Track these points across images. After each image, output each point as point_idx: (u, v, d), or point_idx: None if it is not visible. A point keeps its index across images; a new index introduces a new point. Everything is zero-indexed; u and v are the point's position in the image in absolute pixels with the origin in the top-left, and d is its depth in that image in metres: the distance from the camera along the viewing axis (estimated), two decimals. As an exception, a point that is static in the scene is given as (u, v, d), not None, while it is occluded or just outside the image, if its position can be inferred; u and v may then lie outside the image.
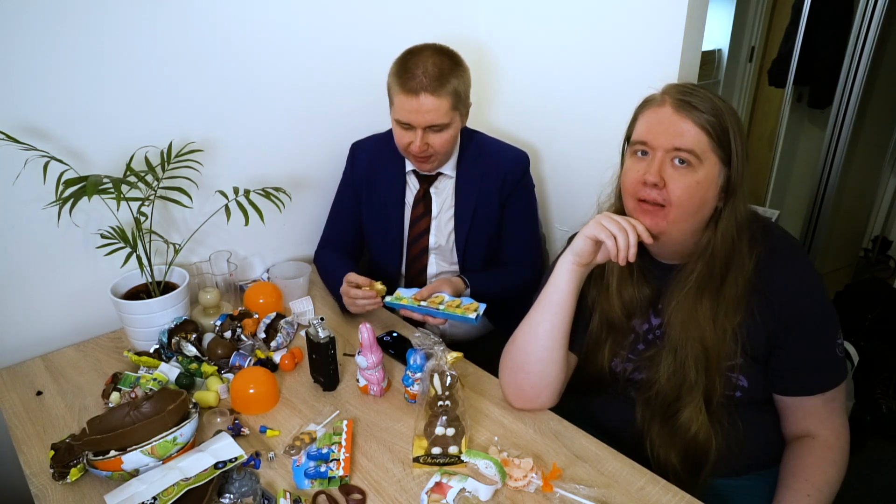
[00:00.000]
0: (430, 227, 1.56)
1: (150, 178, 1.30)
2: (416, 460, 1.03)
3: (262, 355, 1.30)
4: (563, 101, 1.78)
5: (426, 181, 1.55)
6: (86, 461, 0.98)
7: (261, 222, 1.37)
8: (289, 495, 0.95)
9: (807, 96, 2.93)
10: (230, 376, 1.25)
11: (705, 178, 0.96)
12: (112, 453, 0.95)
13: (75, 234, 1.36)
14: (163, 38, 1.36)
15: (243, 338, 1.34)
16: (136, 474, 0.97)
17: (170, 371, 1.23)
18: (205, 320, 1.42)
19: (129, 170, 1.28)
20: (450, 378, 1.01)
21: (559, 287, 1.07)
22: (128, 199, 1.27)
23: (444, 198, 1.55)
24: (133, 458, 0.95)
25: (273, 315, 1.39)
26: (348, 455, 1.03)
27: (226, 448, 1.01)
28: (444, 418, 1.02)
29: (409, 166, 1.54)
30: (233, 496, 0.93)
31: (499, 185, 1.52)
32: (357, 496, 0.96)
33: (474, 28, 1.86)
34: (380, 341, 1.30)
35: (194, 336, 1.32)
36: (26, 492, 1.00)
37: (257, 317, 1.38)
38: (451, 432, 1.02)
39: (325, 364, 1.20)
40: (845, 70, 2.32)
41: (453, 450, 1.02)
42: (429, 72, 1.32)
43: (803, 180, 2.91)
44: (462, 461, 1.02)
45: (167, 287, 1.38)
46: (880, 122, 2.68)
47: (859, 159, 2.58)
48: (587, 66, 1.68)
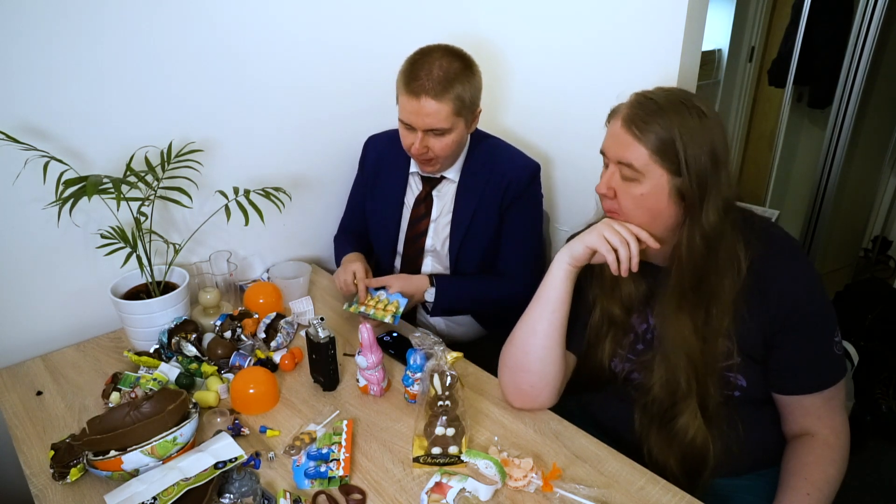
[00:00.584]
0: (428, 230, 1.56)
1: (150, 178, 1.30)
2: (416, 460, 1.03)
3: (262, 355, 1.31)
4: (563, 102, 1.78)
5: (429, 183, 1.54)
6: (86, 461, 0.98)
7: (261, 222, 1.37)
8: (289, 495, 0.95)
9: (807, 96, 2.93)
10: (230, 376, 1.25)
11: (651, 189, 0.97)
12: (112, 453, 0.95)
13: (75, 234, 1.36)
14: (163, 37, 1.36)
15: (243, 338, 1.34)
16: (136, 474, 0.97)
17: (170, 371, 1.23)
18: (205, 320, 1.42)
19: (129, 170, 1.28)
20: (450, 378, 1.01)
21: (556, 286, 1.08)
22: (128, 199, 1.27)
23: (444, 202, 1.54)
24: (133, 458, 0.95)
25: (273, 315, 1.39)
26: (348, 455, 1.03)
27: (226, 448, 1.01)
28: (444, 418, 1.02)
29: (414, 167, 1.54)
30: (233, 496, 0.93)
31: (501, 193, 1.47)
32: (357, 496, 0.96)
33: (475, 29, 1.86)
34: (380, 341, 1.30)
35: (194, 336, 1.32)
36: (26, 492, 1.00)
37: (257, 317, 1.38)
38: (451, 432, 1.02)
39: (325, 364, 1.20)
40: (845, 70, 2.32)
41: (453, 450, 1.02)
42: (433, 75, 1.30)
43: (803, 180, 2.91)
44: (462, 461, 1.02)
45: (167, 287, 1.38)
46: (880, 122, 2.68)
47: (859, 159, 2.58)
48: (587, 66, 1.68)
